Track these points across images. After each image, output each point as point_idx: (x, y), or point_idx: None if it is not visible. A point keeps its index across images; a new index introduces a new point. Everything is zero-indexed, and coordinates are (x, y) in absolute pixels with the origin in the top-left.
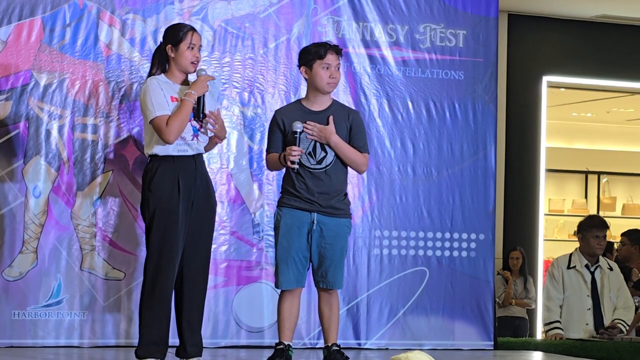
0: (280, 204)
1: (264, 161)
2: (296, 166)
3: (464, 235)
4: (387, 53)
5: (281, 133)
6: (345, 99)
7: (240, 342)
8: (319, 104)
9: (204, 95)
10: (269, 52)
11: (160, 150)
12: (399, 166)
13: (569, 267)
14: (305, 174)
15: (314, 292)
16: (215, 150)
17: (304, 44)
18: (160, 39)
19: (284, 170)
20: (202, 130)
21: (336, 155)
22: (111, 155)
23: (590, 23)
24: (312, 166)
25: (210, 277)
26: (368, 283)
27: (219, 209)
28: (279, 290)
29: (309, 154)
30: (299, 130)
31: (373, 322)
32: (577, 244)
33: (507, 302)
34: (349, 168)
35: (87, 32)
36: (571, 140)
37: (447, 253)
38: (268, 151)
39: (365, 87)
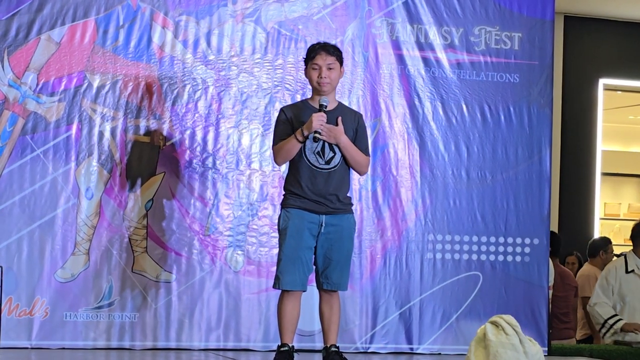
0: (286, 205)
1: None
2: (320, 135)
3: (518, 240)
4: (442, 56)
5: (290, 125)
6: (400, 102)
7: None
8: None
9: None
10: None
11: None
12: (452, 170)
13: (627, 272)
14: (313, 174)
15: (360, 294)
16: (268, 152)
17: (358, 47)
18: (213, 40)
19: (287, 170)
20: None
21: (342, 156)
22: (163, 158)
23: None
24: (320, 166)
25: (262, 280)
26: (421, 287)
27: (270, 211)
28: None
29: (318, 153)
30: (325, 104)
31: (426, 326)
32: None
33: None
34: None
35: (140, 34)
36: (628, 143)
37: (500, 258)
38: (275, 142)
39: (419, 89)
